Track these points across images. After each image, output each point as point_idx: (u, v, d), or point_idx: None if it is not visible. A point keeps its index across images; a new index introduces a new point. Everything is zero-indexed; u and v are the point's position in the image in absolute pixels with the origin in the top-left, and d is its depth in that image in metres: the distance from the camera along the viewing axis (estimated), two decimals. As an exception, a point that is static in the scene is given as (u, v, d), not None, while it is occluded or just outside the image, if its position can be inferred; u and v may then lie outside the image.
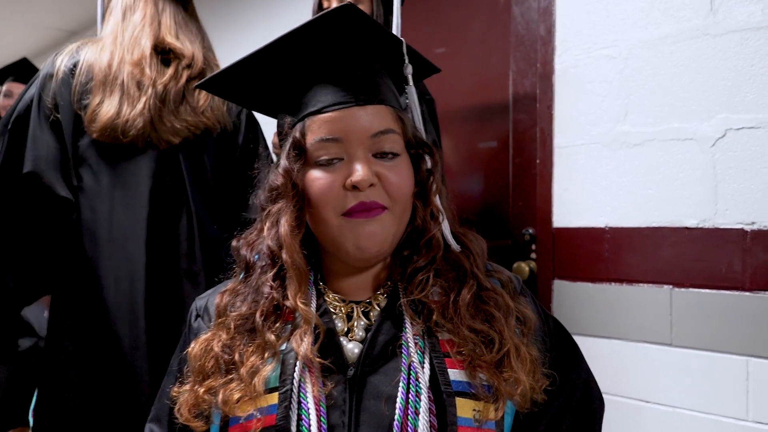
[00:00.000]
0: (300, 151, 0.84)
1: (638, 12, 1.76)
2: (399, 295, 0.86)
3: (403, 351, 0.81)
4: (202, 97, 1.48)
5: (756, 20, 1.55)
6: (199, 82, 0.93)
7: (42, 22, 4.82)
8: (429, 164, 0.90)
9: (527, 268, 1.99)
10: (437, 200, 0.90)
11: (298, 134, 0.85)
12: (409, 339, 0.81)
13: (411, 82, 0.90)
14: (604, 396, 0.97)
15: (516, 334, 0.84)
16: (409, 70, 0.89)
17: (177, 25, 1.50)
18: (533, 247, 2.01)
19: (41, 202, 1.37)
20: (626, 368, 1.75)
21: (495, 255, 0.96)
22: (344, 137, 0.82)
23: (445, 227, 0.90)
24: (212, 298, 0.94)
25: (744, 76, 1.57)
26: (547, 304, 1.93)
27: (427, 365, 0.80)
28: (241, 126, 1.57)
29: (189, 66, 1.48)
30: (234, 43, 3.10)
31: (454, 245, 0.90)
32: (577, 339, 1.80)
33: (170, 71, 1.44)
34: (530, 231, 2.02)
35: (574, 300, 1.88)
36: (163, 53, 1.46)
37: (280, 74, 0.89)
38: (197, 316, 0.97)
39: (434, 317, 0.82)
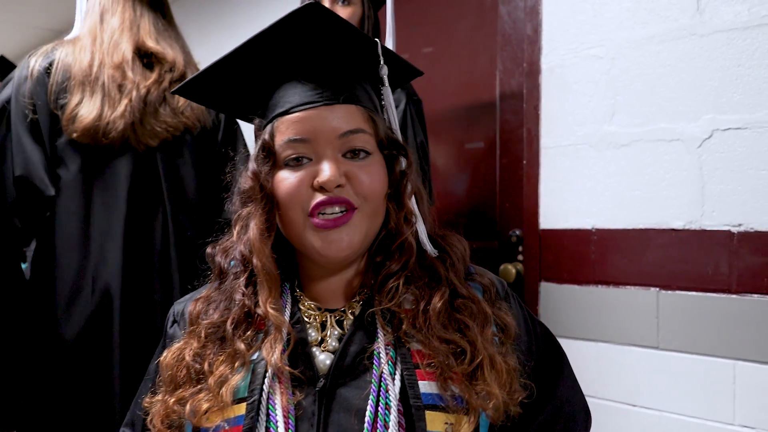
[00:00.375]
0: (268, 153, 0.83)
1: (625, 12, 1.74)
2: (373, 303, 0.84)
3: (374, 362, 0.78)
4: (182, 98, 1.47)
5: (742, 20, 1.53)
6: (175, 88, 0.93)
7: (29, 21, 4.77)
8: (403, 165, 0.88)
9: (514, 270, 1.97)
10: (411, 203, 0.87)
11: (267, 136, 0.84)
12: (380, 350, 0.79)
13: (386, 83, 0.88)
14: (591, 400, 0.95)
15: (494, 342, 0.81)
16: (384, 71, 0.87)
17: (156, 31, 1.52)
18: (520, 248, 1.99)
19: (31, 205, 1.37)
20: (613, 371, 1.73)
21: (482, 257, 0.94)
22: (312, 137, 0.80)
23: (421, 231, 0.87)
24: (188, 304, 0.92)
25: (731, 77, 1.55)
26: (533, 307, 1.91)
27: (398, 377, 0.77)
28: (220, 124, 1.58)
29: (171, 70, 1.49)
30: (218, 45, 3.07)
31: (430, 249, 0.87)
32: (564, 342, 1.78)
33: (154, 75, 1.45)
34: (517, 232, 2.00)
35: (561, 302, 1.86)
36: (146, 57, 1.47)
37: (251, 77, 0.88)
38: (174, 321, 0.96)
39: (404, 327, 0.80)
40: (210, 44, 3.08)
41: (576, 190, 1.84)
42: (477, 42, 2.15)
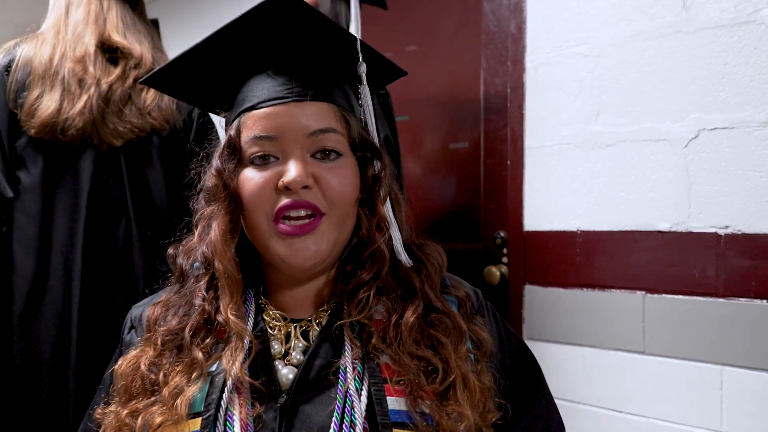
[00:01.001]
0: (233, 150, 0.78)
1: (610, 9, 1.70)
2: (341, 313, 0.79)
3: (340, 377, 0.74)
4: (149, 97, 1.42)
5: (729, 17, 1.50)
6: (143, 78, 0.88)
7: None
8: (377, 169, 0.83)
9: (498, 273, 1.93)
10: (386, 209, 0.83)
11: (233, 132, 0.79)
12: (347, 364, 0.74)
13: (365, 82, 0.83)
14: (576, 405, 0.92)
15: (469, 359, 0.77)
16: (362, 68, 0.82)
17: (124, 25, 1.46)
18: (505, 251, 1.95)
19: None
20: (599, 377, 1.69)
21: (466, 259, 0.89)
22: (279, 135, 0.76)
23: (396, 239, 0.83)
24: (146, 309, 0.87)
25: (717, 75, 1.52)
26: (518, 310, 1.87)
27: (364, 393, 0.73)
28: (192, 125, 1.52)
29: (137, 66, 1.42)
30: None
31: (405, 259, 0.82)
32: (549, 346, 1.76)
33: (117, 71, 1.39)
34: (502, 234, 1.96)
35: (546, 306, 1.82)
36: (110, 51, 1.41)
37: (220, 69, 0.84)
38: (131, 327, 0.91)
39: (373, 341, 0.75)
40: (191, 42, 3.04)
41: (561, 191, 1.80)
42: (461, 40, 2.11)
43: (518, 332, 1.75)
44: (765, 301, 1.43)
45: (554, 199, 1.81)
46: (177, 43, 2.40)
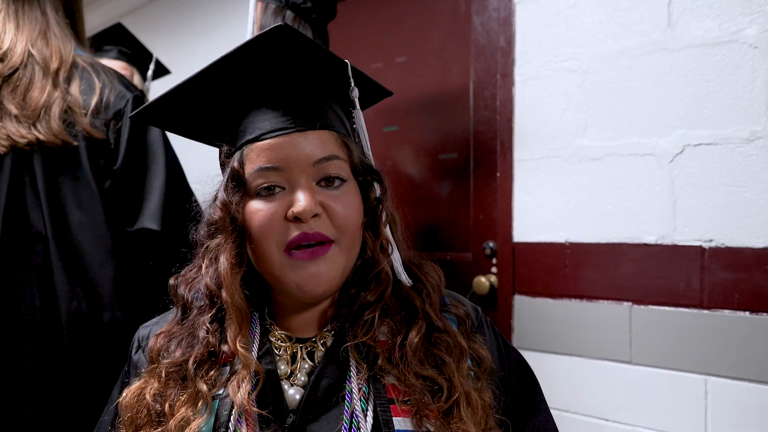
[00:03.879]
0: (239, 182, 0.79)
1: (597, 25, 1.74)
2: (346, 334, 0.81)
3: (346, 397, 0.75)
4: (33, 103, 1.27)
5: (713, 36, 1.54)
6: (132, 113, 0.86)
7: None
8: (378, 192, 0.85)
9: (488, 283, 1.96)
10: (387, 231, 0.85)
11: (236, 164, 0.80)
12: (353, 385, 0.76)
13: (358, 106, 0.85)
14: (563, 414, 0.94)
15: (470, 377, 0.79)
16: (355, 93, 0.84)
17: (6, 11, 1.31)
18: (494, 261, 1.98)
19: None
20: (586, 386, 1.72)
21: (456, 269, 0.91)
22: (285, 165, 0.77)
23: (396, 259, 0.85)
24: (150, 340, 0.87)
25: (701, 92, 1.56)
26: (507, 320, 1.90)
27: (370, 413, 0.74)
28: (121, 137, 1.36)
29: (1, 59, 1.28)
30: (189, 51, 3.01)
31: (405, 280, 0.85)
32: (537, 355, 1.79)
33: None
34: (491, 245, 1.98)
35: (535, 316, 1.85)
36: None
37: (217, 101, 0.84)
38: (138, 347, 0.92)
39: (379, 362, 0.77)
40: (180, 50, 3.03)
41: (549, 203, 1.83)
42: (450, 52, 2.13)
43: (508, 342, 1.77)
44: (748, 312, 1.47)
45: (543, 210, 1.84)
46: (166, 51, 2.39)
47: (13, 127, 1.25)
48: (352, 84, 0.84)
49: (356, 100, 0.84)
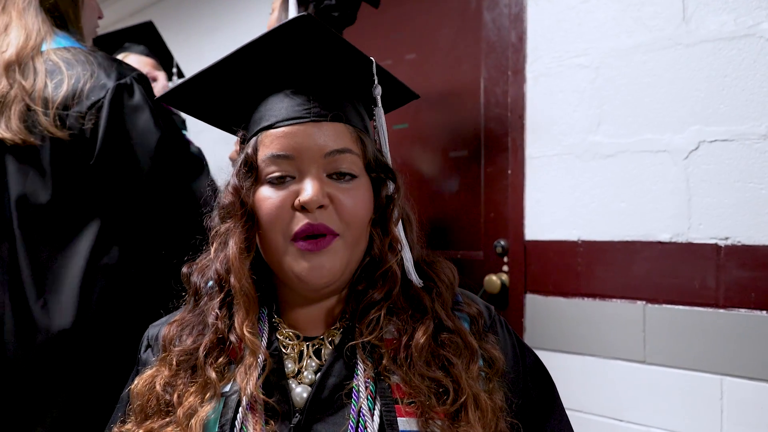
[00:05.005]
0: (251, 168, 0.80)
1: (610, 20, 1.71)
2: (354, 332, 0.80)
3: (353, 396, 0.74)
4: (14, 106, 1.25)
5: (729, 30, 1.51)
6: (158, 97, 0.87)
7: None
8: (391, 190, 0.84)
9: (499, 282, 1.94)
10: (398, 230, 0.84)
11: (250, 150, 0.81)
12: (360, 384, 0.75)
13: (380, 104, 0.85)
14: (576, 414, 0.93)
15: (480, 377, 0.78)
16: (378, 91, 0.84)
17: None
18: (505, 259, 1.96)
19: None
20: (599, 385, 1.70)
21: (467, 267, 0.90)
22: (297, 154, 0.77)
23: (407, 259, 0.84)
24: (163, 328, 0.88)
25: (717, 87, 1.53)
26: (519, 319, 1.88)
27: (377, 413, 0.73)
28: (98, 132, 1.29)
29: None
30: (198, 49, 3.01)
31: (416, 280, 0.84)
32: (549, 354, 1.77)
33: None
34: (502, 243, 1.96)
35: (547, 315, 1.83)
36: None
37: (238, 88, 0.85)
38: (147, 346, 0.93)
39: (384, 362, 0.76)
40: (190, 47, 3.03)
41: (562, 200, 1.81)
42: (461, 49, 2.11)
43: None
44: (764, 312, 1.44)
45: (555, 208, 1.82)
46: (175, 49, 2.39)
47: None
48: (376, 81, 0.83)
49: (378, 98, 0.84)
